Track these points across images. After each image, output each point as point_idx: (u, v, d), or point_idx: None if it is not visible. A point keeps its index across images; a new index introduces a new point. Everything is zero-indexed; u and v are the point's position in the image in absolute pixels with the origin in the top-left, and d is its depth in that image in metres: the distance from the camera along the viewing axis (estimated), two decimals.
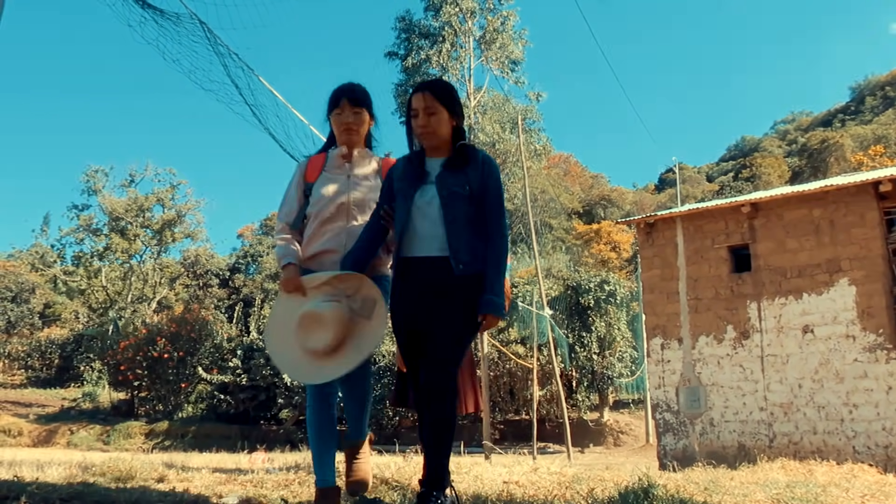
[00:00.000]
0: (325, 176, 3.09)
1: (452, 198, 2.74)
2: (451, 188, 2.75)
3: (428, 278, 2.74)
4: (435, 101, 2.82)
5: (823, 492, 4.32)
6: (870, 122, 63.42)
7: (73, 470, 4.07)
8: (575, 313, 23.13)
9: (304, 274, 2.99)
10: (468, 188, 2.77)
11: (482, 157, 2.85)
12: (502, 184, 2.91)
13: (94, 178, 32.89)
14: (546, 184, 43.38)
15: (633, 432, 23.12)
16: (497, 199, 2.83)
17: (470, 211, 2.77)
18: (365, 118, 3.14)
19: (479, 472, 4.10)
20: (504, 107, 25.94)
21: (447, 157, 2.85)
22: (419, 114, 2.82)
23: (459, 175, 2.78)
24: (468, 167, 2.80)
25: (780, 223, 10.03)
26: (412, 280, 2.77)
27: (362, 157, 3.14)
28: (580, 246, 43.57)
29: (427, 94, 2.84)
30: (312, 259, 3.01)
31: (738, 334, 10.17)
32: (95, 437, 22.08)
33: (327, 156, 3.16)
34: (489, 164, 2.84)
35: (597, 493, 3.39)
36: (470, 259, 2.72)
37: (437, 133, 2.83)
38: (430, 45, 25.33)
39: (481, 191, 2.79)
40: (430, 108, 2.82)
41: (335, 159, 3.12)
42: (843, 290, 9.47)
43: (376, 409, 22.46)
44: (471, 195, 2.77)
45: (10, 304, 34.34)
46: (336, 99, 3.12)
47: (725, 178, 61.64)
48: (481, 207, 2.80)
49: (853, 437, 9.15)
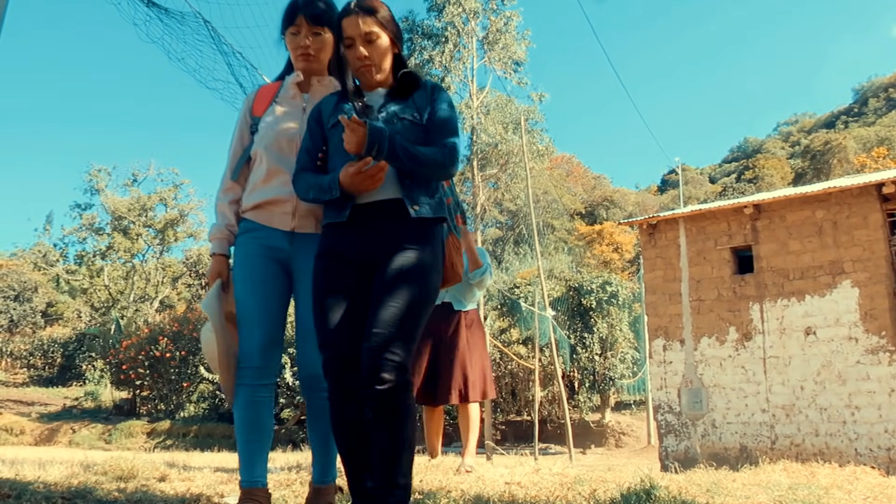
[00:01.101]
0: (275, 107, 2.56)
1: (401, 128, 2.25)
2: (400, 116, 2.28)
3: (379, 226, 2.22)
4: (375, 25, 2.28)
5: (826, 494, 4.31)
6: (873, 124, 63.32)
7: (74, 469, 4.07)
8: (577, 314, 23.12)
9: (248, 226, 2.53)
10: (417, 115, 2.29)
11: (431, 83, 2.39)
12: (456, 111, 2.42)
13: (97, 178, 32.94)
14: (548, 184, 43.34)
15: (635, 433, 23.09)
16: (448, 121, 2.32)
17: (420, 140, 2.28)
18: (327, 40, 2.53)
19: (481, 472, 4.10)
20: (507, 107, 25.92)
21: (390, 88, 2.37)
22: (355, 42, 2.26)
23: (407, 102, 2.32)
24: (415, 94, 2.34)
25: (783, 225, 10.02)
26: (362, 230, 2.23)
27: (325, 87, 2.59)
28: (582, 247, 43.53)
29: (364, 15, 2.27)
30: (258, 210, 2.50)
31: (740, 336, 10.16)
32: (97, 436, 22.09)
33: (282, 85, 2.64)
34: (439, 89, 2.38)
35: (599, 495, 3.39)
36: (426, 200, 2.26)
37: (380, 66, 2.31)
38: (433, 46, 25.34)
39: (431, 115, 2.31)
40: (370, 33, 2.26)
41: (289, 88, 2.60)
42: (846, 292, 9.45)
43: None
44: (421, 123, 2.30)
45: (12, 303, 34.36)
46: (291, 15, 2.53)
47: (728, 179, 61.61)
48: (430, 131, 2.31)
49: (855, 439, 9.13)
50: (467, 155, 26.36)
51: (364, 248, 2.23)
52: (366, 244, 2.23)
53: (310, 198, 2.31)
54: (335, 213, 2.26)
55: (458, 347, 4.41)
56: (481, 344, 4.58)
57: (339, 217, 2.24)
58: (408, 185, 2.25)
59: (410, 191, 2.24)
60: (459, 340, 4.43)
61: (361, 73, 2.32)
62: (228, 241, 2.58)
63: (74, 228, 33.31)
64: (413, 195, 2.24)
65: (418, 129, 2.29)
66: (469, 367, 4.41)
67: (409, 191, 2.24)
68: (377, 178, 2.14)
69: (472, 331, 4.54)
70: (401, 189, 2.24)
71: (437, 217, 2.29)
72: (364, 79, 2.34)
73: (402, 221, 2.21)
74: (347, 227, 2.24)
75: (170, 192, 33.56)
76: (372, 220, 2.24)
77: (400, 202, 2.23)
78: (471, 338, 4.49)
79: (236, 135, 2.64)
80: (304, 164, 2.36)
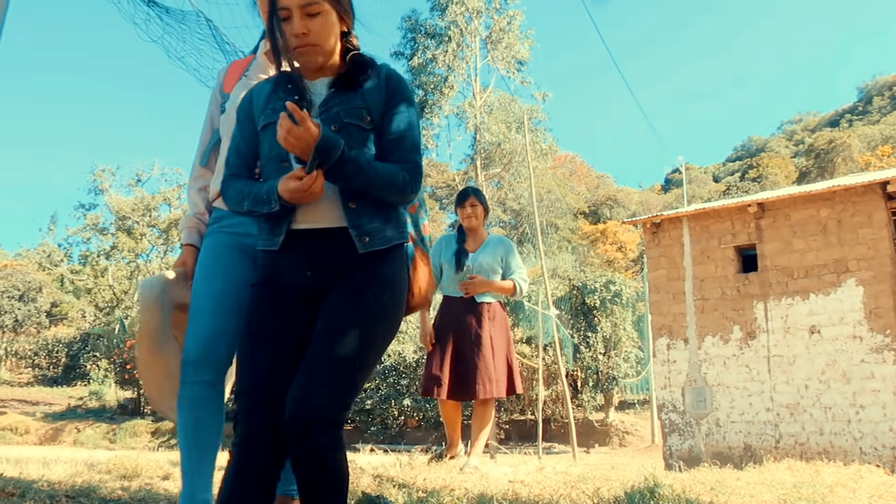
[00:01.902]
0: (244, 82, 2.29)
1: (346, 134, 1.80)
2: (344, 119, 1.82)
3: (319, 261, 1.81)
4: None
5: (830, 492, 4.30)
6: (877, 123, 63.14)
7: (78, 467, 4.08)
8: (580, 313, 23.10)
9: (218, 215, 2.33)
10: (368, 117, 1.84)
11: (386, 71, 1.92)
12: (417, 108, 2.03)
13: (101, 178, 33.00)
14: (552, 183, 43.29)
15: (639, 432, 23.06)
16: (408, 129, 1.88)
17: (373, 152, 1.85)
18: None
19: (485, 471, 4.09)
20: (510, 106, 25.93)
21: (336, 76, 1.89)
22: (292, 15, 1.80)
23: (354, 99, 1.85)
24: (366, 86, 1.87)
25: (787, 223, 9.99)
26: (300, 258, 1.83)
27: None
28: (586, 246, 43.50)
29: None
30: None
31: (744, 335, 10.14)
32: (101, 436, 22.15)
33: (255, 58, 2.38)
34: (396, 81, 1.91)
35: (602, 493, 3.38)
36: (379, 227, 1.82)
37: (322, 47, 1.84)
38: (437, 45, 25.36)
39: (386, 118, 1.87)
40: (311, 4, 1.80)
41: (260, 61, 2.34)
42: (851, 291, 9.42)
43: (381, 409, 22.48)
44: (373, 127, 1.86)
45: (17, 303, 34.44)
46: None
47: (732, 178, 61.51)
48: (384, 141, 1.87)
49: (860, 438, 9.11)
50: (471, 154, 26.36)
51: (305, 280, 1.82)
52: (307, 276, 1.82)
53: (244, 209, 1.86)
54: (267, 238, 1.86)
55: (481, 341, 4.34)
56: (505, 337, 4.52)
57: (271, 244, 1.84)
58: (353, 211, 1.80)
59: (357, 217, 1.80)
60: (483, 334, 4.36)
61: (300, 55, 1.83)
62: (198, 230, 2.40)
63: (79, 228, 33.41)
64: (361, 223, 1.80)
65: (366, 134, 1.84)
66: (493, 362, 4.36)
67: (356, 217, 1.80)
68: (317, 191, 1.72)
69: (496, 323, 4.45)
70: (345, 215, 1.80)
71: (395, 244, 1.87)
72: (303, 63, 1.85)
73: (350, 254, 1.80)
74: (286, 254, 1.83)
75: (173, 191, 33.61)
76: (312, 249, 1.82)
77: (344, 232, 1.80)
78: (493, 331, 4.41)
79: (207, 116, 2.41)
80: (236, 168, 1.94)
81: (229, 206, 1.92)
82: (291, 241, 1.82)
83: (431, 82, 25.35)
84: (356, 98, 1.85)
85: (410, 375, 22.13)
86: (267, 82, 1.95)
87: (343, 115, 1.82)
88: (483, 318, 4.42)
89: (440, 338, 4.47)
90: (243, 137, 1.95)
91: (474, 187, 4.83)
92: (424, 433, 20.77)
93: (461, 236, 4.61)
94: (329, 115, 1.83)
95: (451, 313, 4.49)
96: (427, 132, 25.83)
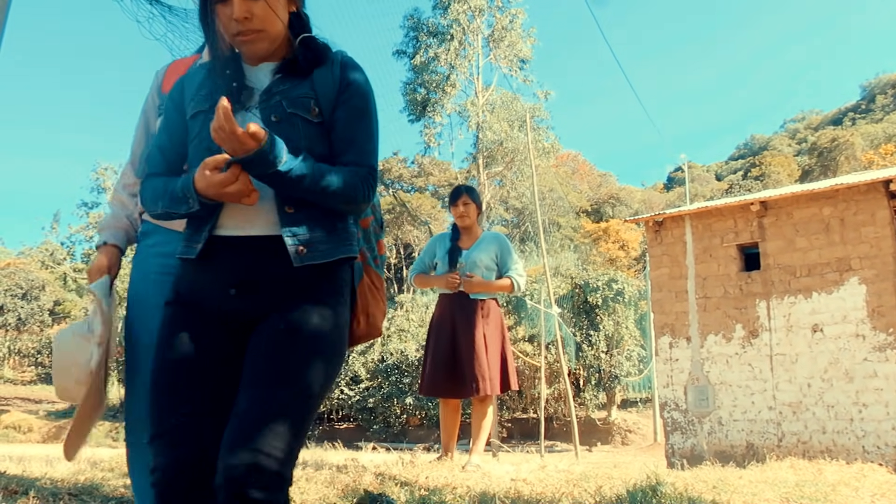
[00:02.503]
0: None
1: (289, 125, 1.54)
2: (288, 110, 1.55)
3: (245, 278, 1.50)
4: None
5: (833, 491, 4.30)
6: (881, 121, 63.07)
7: (81, 465, 4.08)
8: (583, 312, 23.11)
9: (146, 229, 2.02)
10: (317, 108, 1.57)
11: (341, 58, 1.65)
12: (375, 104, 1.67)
13: (104, 176, 33.10)
14: (554, 182, 43.28)
15: (641, 431, 23.07)
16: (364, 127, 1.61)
17: (321, 149, 1.57)
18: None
19: (487, 469, 4.09)
20: (512, 105, 25.90)
21: (282, 61, 1.62)
22: None
23: (301, 87, 1.58)
24: (316, 74, 1.60)
25: (790, 222, 9.97)
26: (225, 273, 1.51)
27: None
28: (588, 244, 43.48)
29: None
30: None
31: (746, 333, 10.13)
32: (104, 434, 22.19)
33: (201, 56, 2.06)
34: (353, 69, 1.64)
35: (605, 491, 3.38)
36: (321, 237, 1.52)
37: (268, 32, 1.57)
38: (439, 43, 25.33)
39: (338, 112, 1.59)
40: None
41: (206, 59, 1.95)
42: (853, 289, 9.41)
43: (384, 407, 22.50)
44: (322, 121, 1.58)
45: (20, 301, 34.52)
46: None
47: (735, 176, 61.47)
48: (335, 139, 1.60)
49: (863, 436, 9.10)
50: (473, 153, 26.35)
51: (229, 300, 1.50)
52: (233, 295, 1.50)
53: (159, 211, 1.58)
54: (185, 245, 1.55)
55: (476, 339, 4.34)
56: (499, 334, 4.51)
57: (188, 251, 1.53)
58: (291, 217, 1.51)
59: (295, 224, 1.50)
60: (476, 332, 4.36)
61: (241, 43, 1.58)
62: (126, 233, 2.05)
63: (81, 227, 33.51)
64: (299, 231, 1.50)
65: (313, 129, 1.57)
66: (487, 360, 4.35)
67: (293, 224, 1.50)
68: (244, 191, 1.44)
69: (489, 321, 4.45)
70: (280, 220, 1.50)
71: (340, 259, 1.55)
72: (245, 52, 1.61)
73: (284, 268, 1.48)
74: (207, 266, 1.52)
75: None
76: (238, 261, 1.50)
77: (278, 241, 1.49)
78: (487, 328, 4.41)
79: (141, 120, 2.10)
80: (157, 166, 1.64)
81: (146, 209, 1.62)
82: (214, 249, 1.51)
83: (434, 81, 25.34)
84: (304, 86, 1.59)
85: (413, 374, 22.16)
86: (201, 67, 1.67)
87: (287, 105, 1.56)
88: (477, 315, 4.42)
89: (436, 335, 4.48)
90: (168, 131, 1.65)
91: (467, 185, 4.84)
92: (427, 431, 20.79)
93: (455, 234, 4.62)
94: (271, 104, 1.56)
95: (445, 311, 4.49)
96: (429, 131, 25.83)
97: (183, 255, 1.56)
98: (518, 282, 4.49)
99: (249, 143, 1.38)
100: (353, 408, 22.64)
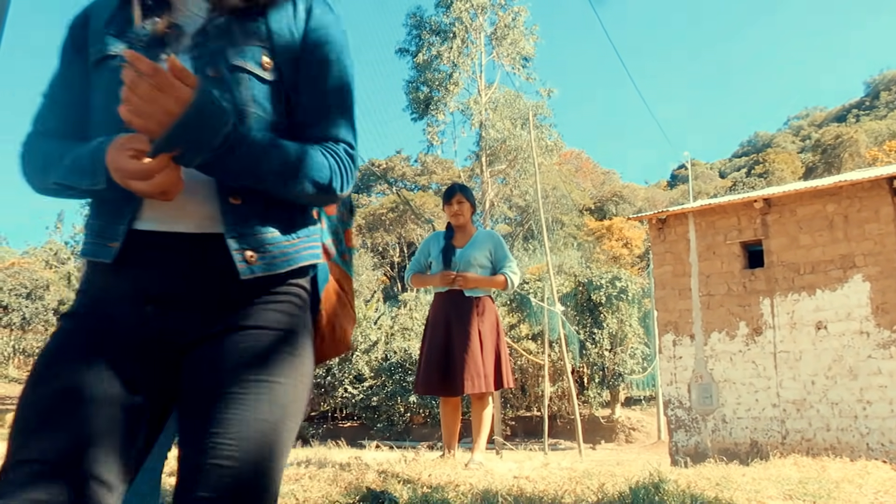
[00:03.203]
0: None
1: (232, 83, 1.11)
2: (231, 61, 1.11)
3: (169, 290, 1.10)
4: None
5: (836, 488, 4.29)
6: (885, 118, 62.93)
7: None
8: (586, 309, 23.08)
9: None
10: (271, 60, 1.14)
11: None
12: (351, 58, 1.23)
13: None
14: (557, 180, 43.24)
15: (645, 429, 23.06)
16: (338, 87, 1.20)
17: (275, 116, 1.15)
18: None
19: (490, 467, 4.10)
20: (515, 103, 25.89)
21: None
22: None
23: (251, 28, 1.15)
24: (272, 13, 1.17)
25: (794, 219, 9.96)
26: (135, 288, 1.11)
27: None
28: (592, 242, 43.44)
29: None
30: None
31: (750, 331, 10.12)
32: None
33: None
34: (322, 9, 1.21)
35: (607, 489, 3.38)
36: (275, 238, 1.13)
37: None
38: (442, 42, 25.33)
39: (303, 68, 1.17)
40: None
41: None
42: (857, 286, 9.39)
43: (387, 405, 22.51)
44: (277, 78, 1.15)
45: (24, 301, 34.60)
46: None
47: (738, 174, 61.38)
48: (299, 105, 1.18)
49: (867, 433, 9.08)
50: (476, 151, 26.33)
51: (152, 321, 1.10)
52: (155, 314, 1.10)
53: (49, 185, 1.16)
54: (94, 242, 1.14)
55: (470, 337, 4.35)
56: (494, 331, 4.52)
57: (100, 252, 1.12)
58: (237, 210, 1.11)
59: (242, 220, 1.11)
60: (471, 329, 4.37)
61: None
62: None
63: None
64: (247, 229, 1.11)
65: (266, 88, 1.13)
66: (482, 357, 4.36)
67: (240, 220, 1.11)
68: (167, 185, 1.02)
69: (485, 318, 4.46)
70: (222, 215, 1.11)
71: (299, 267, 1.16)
72: None
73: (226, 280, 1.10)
74: (121, 272, 1.11)
75: None
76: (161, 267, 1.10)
77: (219, 242, 1.10)
78: (482, 325, 4.42)
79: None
80: (48, 124, 1.20)
81: (28, 180, 1.19)
82: (133, 248, 1.10)
83: (436, 79, 25.33)
84: (254, 29, 1.14)
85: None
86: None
87: (229, 55, 1.11)
88: (472, 313, 4.44)
89: (430, 334, 4.49)
90: (64, 79, 1.20)
91: (461, 184, 4.86)
92: (431, 430, 20.80)
93: (449, 233, 4.63)
94: (204, 52, 1.11)
95: (441, 309, 4.51)
96: (432, 129, 25.83)
97: (92, 255, 1.13)
98: (511, 279, 4.51)
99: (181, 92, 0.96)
100: (356, 406, 22.66)
